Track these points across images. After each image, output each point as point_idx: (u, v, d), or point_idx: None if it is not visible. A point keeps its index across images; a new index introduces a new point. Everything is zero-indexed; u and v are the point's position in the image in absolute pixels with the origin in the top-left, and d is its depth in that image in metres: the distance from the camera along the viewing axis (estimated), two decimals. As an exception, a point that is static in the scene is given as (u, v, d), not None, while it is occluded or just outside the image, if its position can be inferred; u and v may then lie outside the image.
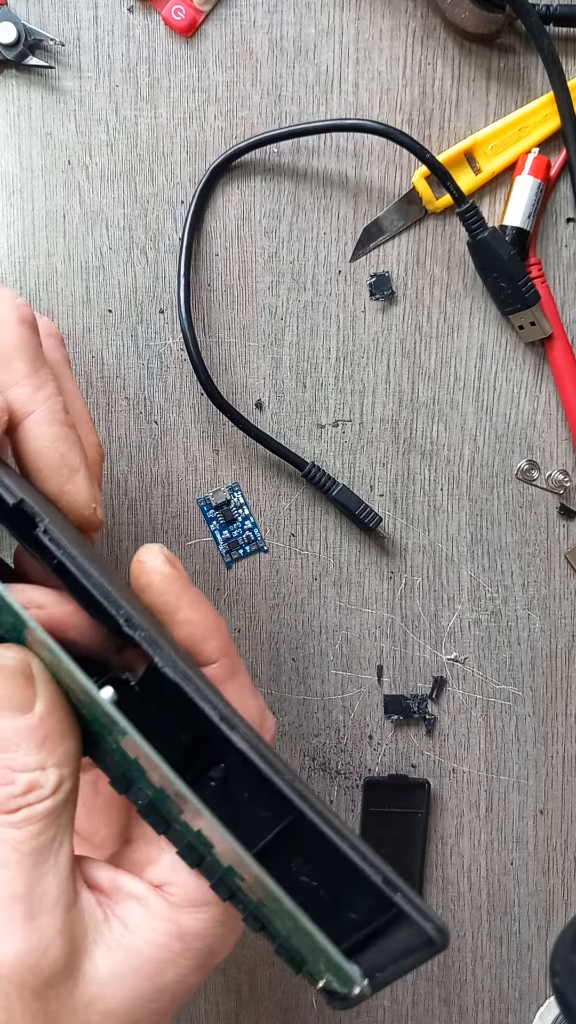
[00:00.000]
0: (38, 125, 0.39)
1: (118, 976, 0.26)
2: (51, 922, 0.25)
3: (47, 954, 0.25)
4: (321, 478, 0.40)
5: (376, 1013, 0.44)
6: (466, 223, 0.38)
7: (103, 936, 0.26)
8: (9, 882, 0.25)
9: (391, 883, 0.24)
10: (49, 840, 0.26)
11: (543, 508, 0.42)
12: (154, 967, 0.26)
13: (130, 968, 0.26)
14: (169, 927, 0.27)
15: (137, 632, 0.25)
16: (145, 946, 0.26)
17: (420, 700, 0.42)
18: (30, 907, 0.25)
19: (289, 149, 0.39)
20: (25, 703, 0.26)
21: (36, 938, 0.25)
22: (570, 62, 0.39)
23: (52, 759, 0.26)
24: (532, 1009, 0.44)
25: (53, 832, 0.26)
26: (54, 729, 0.26)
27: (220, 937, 0.27)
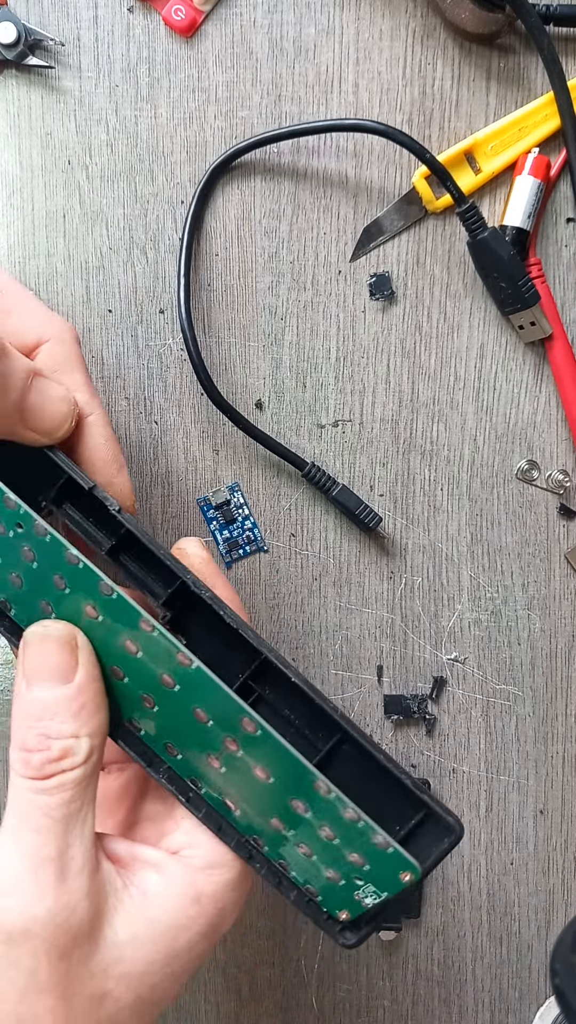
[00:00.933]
0: (38, 125, 0.39)
1: (135, 940, 0.28)
2: (79, 885, 0.27)
3: (75, 914, 0.27)
4: (321, 478, 0.40)
5: (376, 1013, 0.44)
6: (466, 223, 0.38)
7: (122, 902, 0.28)
8: (42, 845, 0.27)
9: (419, 787, 0.29)
10: (77, 808, 0.27)
11: (543, 508, 0.42)
12: (170, 932, 0.28)
13: (147, 933, 0.28)
14: (186, 890, 0.29)
15: (203, 592, 0.29)
16: (162, 911, 0.28)
17: (420, 700, 0.42)
18: (60, 869, 0.27)
19: (289, 149, 0.39)
20: (67, 672, 0.28)
21: (66, 898, 0.27)
22: (570, 62, 0.39)
23: (86, 728, 0.28)
24: (532, 1009, 0.44)
25: (81, 801, 0.27)
26: (90, 700, 0.28)
27: (230, 903, 0.29)
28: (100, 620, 0.29)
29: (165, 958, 0.28)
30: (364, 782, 0.29)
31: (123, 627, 0.29)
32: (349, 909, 0.29)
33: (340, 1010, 0.44)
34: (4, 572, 0.30)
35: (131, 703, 0.29)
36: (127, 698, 0.29)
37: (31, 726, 0.28)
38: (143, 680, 0.29)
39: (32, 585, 0.29)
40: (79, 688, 0.28)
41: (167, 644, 0.28)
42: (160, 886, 0.29)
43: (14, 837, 0.27)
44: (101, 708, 0.29)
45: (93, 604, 0.29)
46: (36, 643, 0.29)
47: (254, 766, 0.28)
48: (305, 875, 0.29)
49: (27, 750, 0.28)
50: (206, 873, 0.29)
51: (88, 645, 0.29)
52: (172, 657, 0.28)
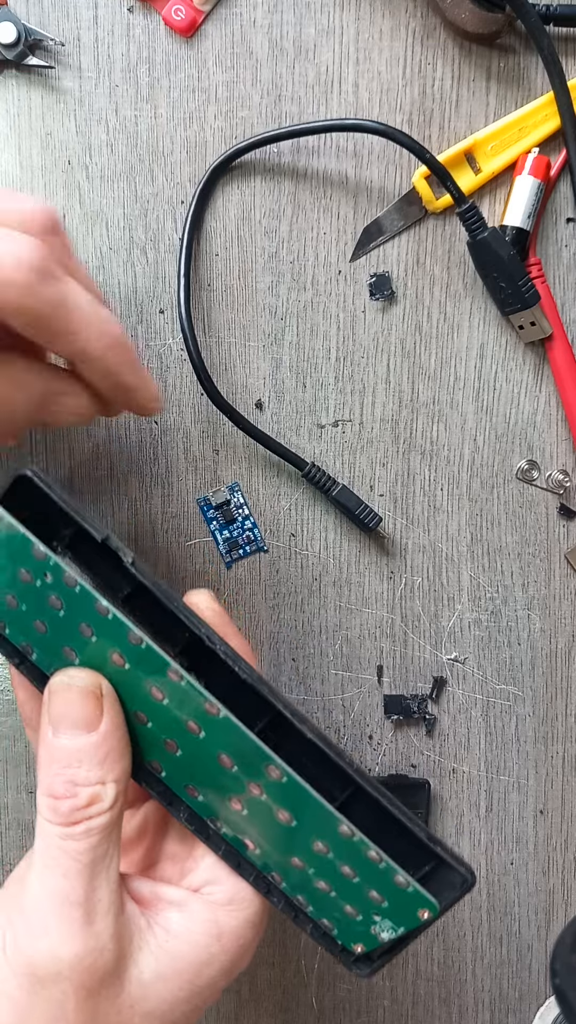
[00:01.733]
0: (38, 125, 0.39)
1: (160, 979, 0.28)
2: (105, 927, 0.28)
3: (102, 956, 0.27)
4: (321, 478, 0.40)
5: (376, 1013, 0.44)
6: (466, 223, 0.38)
7: (147, 942, 0.29)
8: (70, 890, 0.27)
9: (433, 839, 0.30)
10: (103, 852, 0.28)
11: (543, 508, 0.42)
12: (194, 968, 0.29)
13: (172, 971, 0.29)
14: (208, 927, 0.29)
15: (218, 646, 0.29)
16: (186, 948, 0.29)
17: (420, 700, 0.42)
18: (87, 913, 0.27)
19: (289, 149, 0.39)
20: (93, 721, 0.29)
21: (93, 941, 0.27)
22: (570, 62, 0.39)
23: (112, 775, 0.29)
24: (532, 1009, 0.44)
25: (107, 845, 0.28)
26: (115, 747, 0.29)
27: (250, 940, 0.30)
28: (127, 668, 0.29)
29: (188, 995, 0.29)
30: (377, 828, 0.29)
31: (150, 675, 0.29)
32: (364, 943, 0.30)
33: (340, 1010, 0.44)
34: (28, 618, 0.30)
35: (153, 746, 0.30)
36: (149, 741, 0.30)
37: (58, 773, 0.28)
38: (167, 725, 0.29)
39: (57, 632, 0.30)
40: (104, 736, 0.29)
41: (195, 694, 0.29)
42: (183, 924, 0.29)
43: (42, 881, 0.28)
44: (125, 754, 0.29)
45: (120, 653, 0.29)
46: (61, 692, 0.29)
47: (277, 810, 0.29)
48: (322, 910, 0.30)
49: (55, 796, 0.28)
50: (227, 910, 0.30)
51: (113, 693, 0.29)
52: (199, 705, 0.29)
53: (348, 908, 0.30)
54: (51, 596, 0.29)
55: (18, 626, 0.30)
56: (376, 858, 0.29)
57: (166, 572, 0.41)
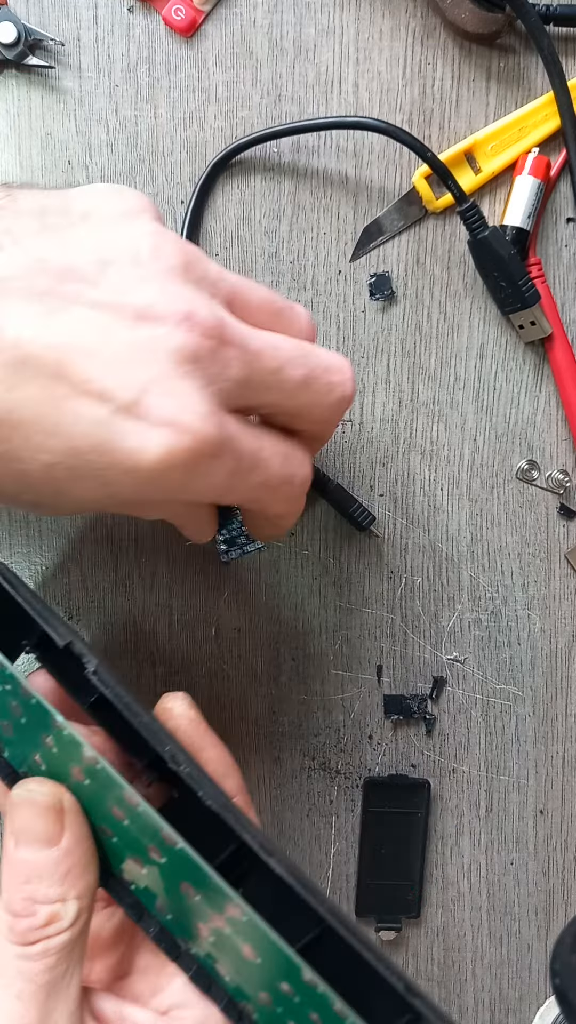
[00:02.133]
0: (38, 125, 0.39)
1: None
2: None
3: None
4: (315, 476, 0.40)
5: (376, 1013, 0.44)
6: (467, 222, 0.38)
7: None
8: (24, 1013, 0.26)
9: (412, 990, 0.27)
10: (62, 973, 0.26)
11: (543, 508, 0.42)
12: None
13: None
14: None
15: (181, 767, 0.28)
16: None
17: (420, 700, 0.42)
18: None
19: (289, 149, 0.39)
20: (53, 836, 0.27)
21: None
22: (570, 62, 0.39)
23: (73, 891, 0.27)
24: (532, 1009, 0.44)
25: (66, 965, 0.27)
26: (77, 862, 0.27)
27: None
28: (87, 783, 0.28)
29: None
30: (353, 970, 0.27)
31: (108, 795, 0.28)
32: None
33: (340, 1010, 0.44)
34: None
35: (120, 860, 0.29)
36: (116, 855, 0.29)
37: (18, 888, 0.27)
38: (130, 843, 0.28)
39: (22, 737, 0.29)
40: (65, 852, 0.27)
41: (151, 821, 0.27)
42: None
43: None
44: (89, 869, 0.28)
45: (80, 768, 0.28)
46: (22, 805, 0.28)
47: (242, 945, 0.27)
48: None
49: (14, 914, 0.27)
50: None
51: (76, 807, 0.28)
52: (157, 833, 0.27)
53: None
54: (12, 703, 0.28)
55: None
56: (341, 1012, 0.26)
57: (166, 572, 0.41)
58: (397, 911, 0.43)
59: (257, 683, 0.42)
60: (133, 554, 0.41)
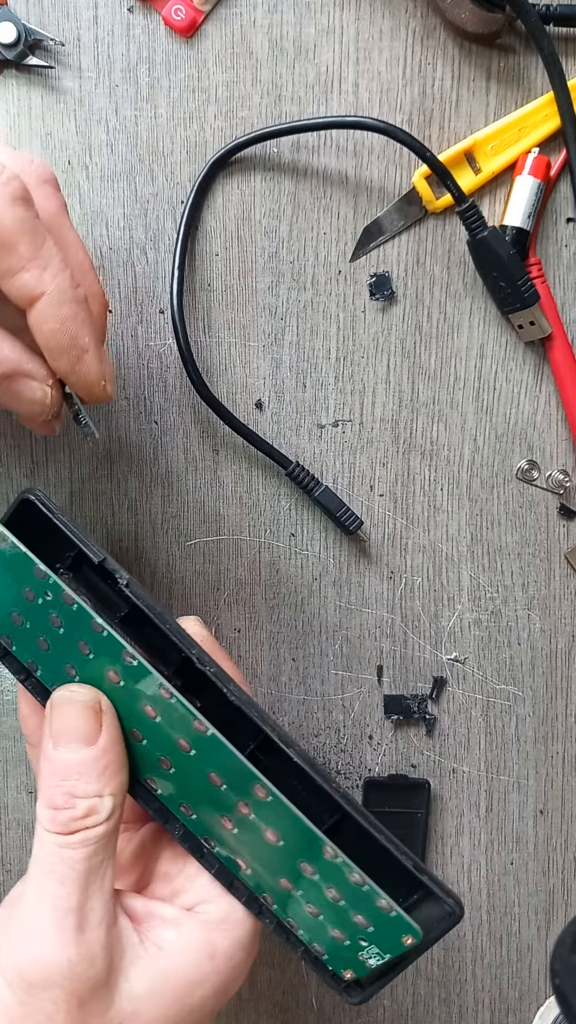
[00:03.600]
0: (38, 125, 0.39)
1: (152, 995, 0.28)
2: (97, 937, 0.28)
3: (93, 965, 0.27)
4: (304, 478, 0.40)
5: (376, 1013, 0.44)
6: (466, 222, 0.38)
7: (139, 957, 0.29)
8: (65, 896, 0.28)
9: (420, 868, 0.30)
10: (99, 863, 0.28)
11: (543, 508, 0.42)
12: (186, 987, 0.29)
13: (163, 987, 0.29)
14: (201, 946, 0.29)
15: (208, 668, 0.30)
16: (179, 967, 0.29)
17: (420, 700, 0.42)
18: (80, 921, 0.28)
19: (289, 149, 0.39)
20: (92, 735, 0.29)
21: (85, 949, 0.27)
22: (570, 62, 0.39)
23: (109, 788, 0.29)
24: (532, 1009, 0.44)
25: (102, 856, 0.29)
26: (112, 761, 0.29)
27: (242, 961, 0.30)
28: (121, 685, 0.30)
29: (179, 1014, 0.29)
30: (366, 855, 0.30)
31: (143, 693, 0.29)
32: (354, 969, 0.30)
33: (340, 1010, 0.44)
34: (32, 636, 0.31)
35: (149, 764, 0.30)
36: (145, 759, 0.30)
37: (58, 785, 0.29)
38: (161, 743, 0.30)
39: (58, 649, 0.30)
40: (103, 750, 0.29)
41: (183, 711, 0.29)
42: (176, 942, 0.29)
43: (38, 888, 0.28)
44: (123, 768, 0.30)
45: (115, 670, 0.30)
46: (62, 706, 0.30)
47: (265, 829, 0.29)
48: (311, 934, 0.30)
49: (54, 807, 0.29)
50: (221, 929, 0.30)
51: (111, 709, 0.30)
52: (188, 723, 0.29)
53: (335, 932, 0.30)
54: (52, 614, 0.30)
55: (23, 643, 0.31)
56: (359, 881, 0.29)
57: (166, 573, 0.41)
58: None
59: (257, 683, 0.42)
60: (133, 554, 0.41)
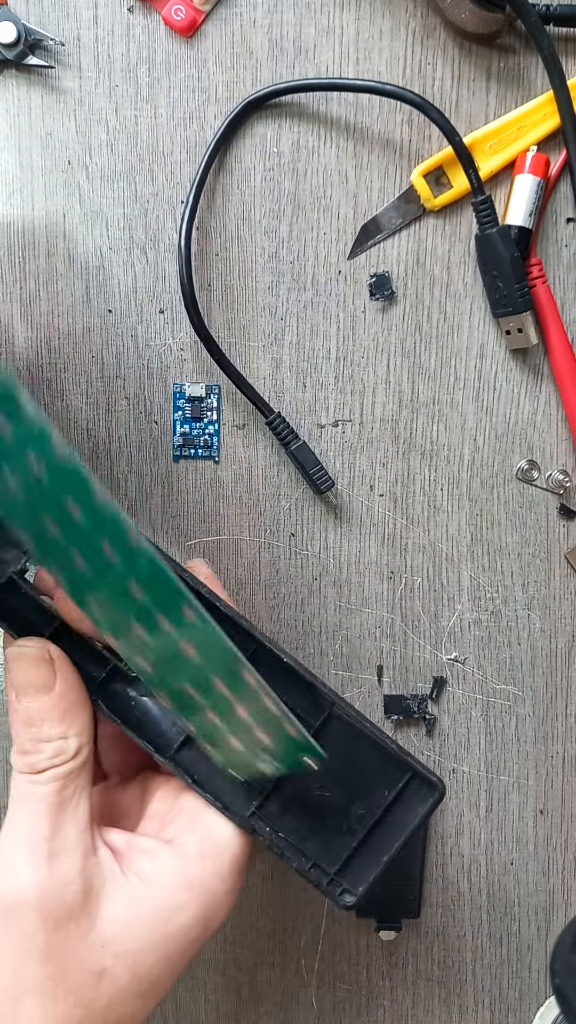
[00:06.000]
0: (38, 125, 0.39)
1: (132, 921, 0.30)
2: (71, 863, 0.29)
3: (67, 889, 0.29)
4: (283, 430, 0.40)
5: (376, 1013, 0.44)
6: (479, 214, 0.38)
7: (120, 886, 0.30)
8: (35, 827, 0.30)
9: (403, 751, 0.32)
10: (70, 795, 0.30)
11: (543, 508, 0.42)
12: (164, 914, 0.30)
13: (143, 913, 0.30)
14: (178, 876, 0.31)
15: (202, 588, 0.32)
16: (157, 894, 0.30)
17: (420, 700, 0.42)
18: (53, 848, 0.29)
19: (289, 149, 0.39)
20: (47, 683, 0.31)
21: (58, 874, 0.29)
22: (570, 62, 0.39)
23: (73, 729, 0.31)
24: (532, 1009, 0.44)
25: (73, 788, 0.30)
26: (73, 703, 0.31)
27: (221, 893, 0.32)
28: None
29: (160, 939, 0.30)
30: (356, 751, 0.32)
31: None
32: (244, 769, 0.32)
33: (340, 1010, 0.44)
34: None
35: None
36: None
37: (24, 732, 0.31)
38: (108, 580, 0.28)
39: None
40: (60, 695, 0.31)
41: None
42: (154, 871, 0.31)
43: (11, 820, 0.30)
44: (84, 707, 0.32)
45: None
46: (16, 660, 0.31)
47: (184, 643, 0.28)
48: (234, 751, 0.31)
49: (24, 752, 0.31)
50: (198, 860, 0.31)
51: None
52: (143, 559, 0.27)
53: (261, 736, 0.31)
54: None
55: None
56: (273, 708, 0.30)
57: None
58: (397, 911, 0.42)
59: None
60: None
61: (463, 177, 0.39)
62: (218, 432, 0.41)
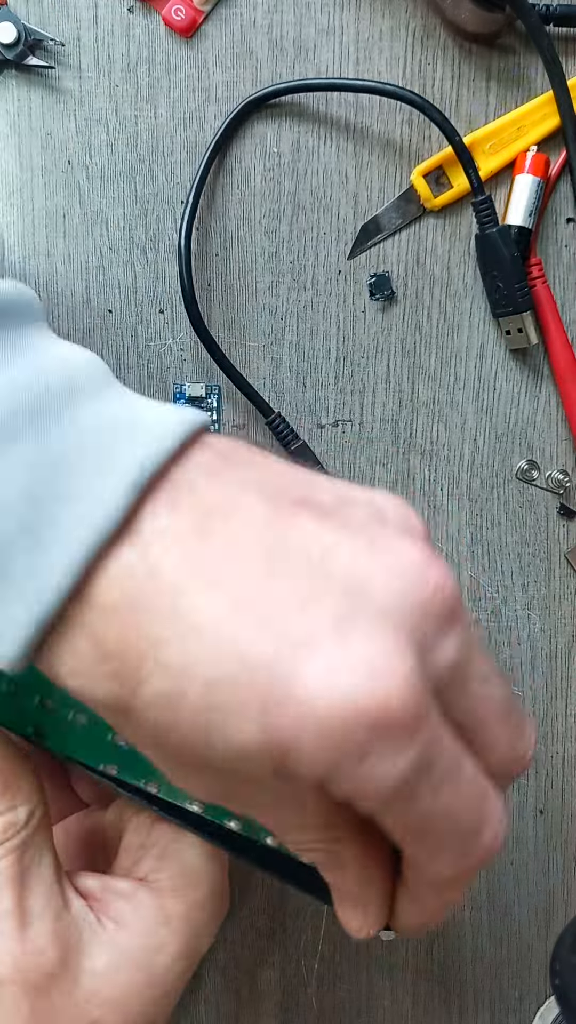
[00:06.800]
0: (38, 125, 0.39)
1: (113, 968, 0.29)
2: (43, 929, 0.28)
3: (43, 956, 0.28)
4: (284, 430, 0.40)
5: (376, 1013, 0.44)
6: (479, 214, 0.38)
7: (97, 935, 0.29)
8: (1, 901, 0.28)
9: None
10: (30, 859, 0.29)
11: (543, 508, 0.42)
12: (145, 955, 0.30)
13: (123, 959, 0.29)
14: (155, 913, 0.30)
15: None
16: (136, 937, 0.30)
17: (420, 700, 0.42)
18: (20, 919, 0.28)
19: (289, 149, 0.39)
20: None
21: (30, 944, 0.28)
22: (570, 62, 0.39)
23: (18, 798, 0.30)
24: (532, 1009, 0.44)
25: (32, 853, 0.29)
26: (12, 773, 0.30)
27: (202, 922, 0.31)
28: None
29: (146, 980, 0.29)
30: None
31: None
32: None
33: (340, 1010, 0.44)
34: None
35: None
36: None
37: None
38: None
39: None
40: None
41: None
42: (131, 914, 0.30)
43: None
44: (25, 771, 0.30)
45: None
46: None
47: None
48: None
49: None
50: (173, 896, 0.31)
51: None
52: None
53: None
54: None
55: None
56: None
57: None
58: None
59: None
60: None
61: (463, 177, 0.39)
62: (218, 432, 0.41)
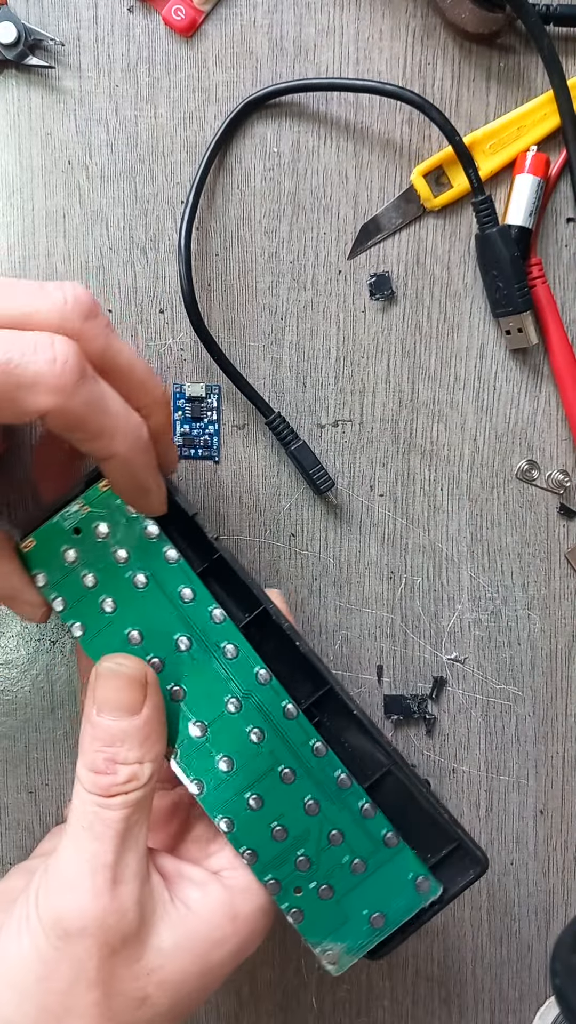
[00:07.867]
0: (38, 125, 0.39)
1: (178, 949, 0.30)
2: (130, 892, 0.30)
3: (125, 917, 0.29)
4: (284, 430, 0.40)
5: (376, 1013, 0.44)
6: (479, 214, 0.38)
7: (168, 914, 0.30)
8: (101, 853, 0.30)
9: (454, 822, 0.33)
10: (135, 822, 0.30)
11: (543, 508, 0.42)
12: (207, 946, 0.30)
13: (188, 944, 0.30)
14: (225, 908, 0.31)
15: (283, 622, 0.33)
16: (203, 926, 0.31)
17: (420, 700, 0.42)
18: (115, 876, 0.29)
19: (289, 149, 0.39)
20: (135, 706, 0.31)
21: (118, 902, 0.29)
22: (570, 62, 0.39)
23: (150, 755, 0.31)
24: (532, 1009, 0.44)
25: (138, 816, 0.30)
26: (154, 730, 0.31)
27: (260, 927, 0.32)
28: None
29: (200, 970, 0.30)
30: (405, 811, 0.33)
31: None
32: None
33: (340, 1010, 0.44)
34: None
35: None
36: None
37: (100, 750, 0.31)
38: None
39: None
40: (146, 720, 0.31)
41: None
42: (201, 902, 0.31)
43: (76, 843, 0.30)
44: (163, 737, 0.32)
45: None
46: (108, 678, 0.31)
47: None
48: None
49: (96, 771, 0.30)
50: (243, 895, 0.32)
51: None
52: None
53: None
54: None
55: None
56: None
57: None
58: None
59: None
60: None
61: (463, 177, 0.39)
62: (218, 432, 0.41)
